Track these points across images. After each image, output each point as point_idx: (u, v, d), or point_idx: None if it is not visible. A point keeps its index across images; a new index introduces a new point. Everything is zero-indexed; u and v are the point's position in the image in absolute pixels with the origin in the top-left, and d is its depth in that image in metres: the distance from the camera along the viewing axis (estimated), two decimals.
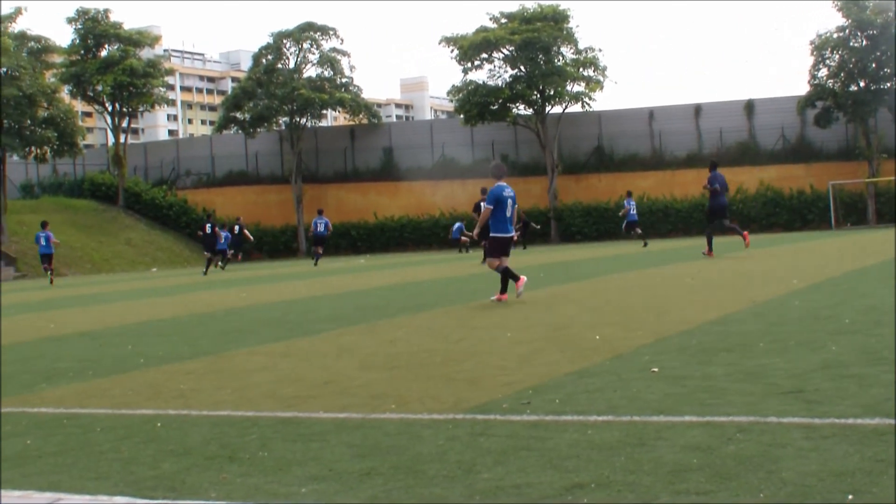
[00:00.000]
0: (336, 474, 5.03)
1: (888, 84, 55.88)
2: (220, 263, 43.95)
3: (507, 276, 15.66)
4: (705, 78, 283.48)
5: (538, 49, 59.45)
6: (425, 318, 13.63)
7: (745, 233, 26.76)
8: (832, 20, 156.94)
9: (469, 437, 5.70)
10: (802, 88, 62.41)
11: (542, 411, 6.36)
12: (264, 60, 67.27)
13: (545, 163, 61.47)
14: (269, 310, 17.14)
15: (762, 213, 57.37)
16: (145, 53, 68.26)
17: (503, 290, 15.72)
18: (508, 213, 15.64)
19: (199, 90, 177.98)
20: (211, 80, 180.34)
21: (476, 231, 17.41)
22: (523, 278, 15.68)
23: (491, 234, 15.96)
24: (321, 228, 43.00)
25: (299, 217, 65.54)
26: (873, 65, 55.49)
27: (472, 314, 13.83)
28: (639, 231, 42.22)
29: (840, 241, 34.67)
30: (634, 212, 42.05)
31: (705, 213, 28.33)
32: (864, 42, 55.89)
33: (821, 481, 4.36)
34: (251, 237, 51.54)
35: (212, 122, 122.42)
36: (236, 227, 47.40)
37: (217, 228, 41.69)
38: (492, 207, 15.67)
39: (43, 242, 38.47)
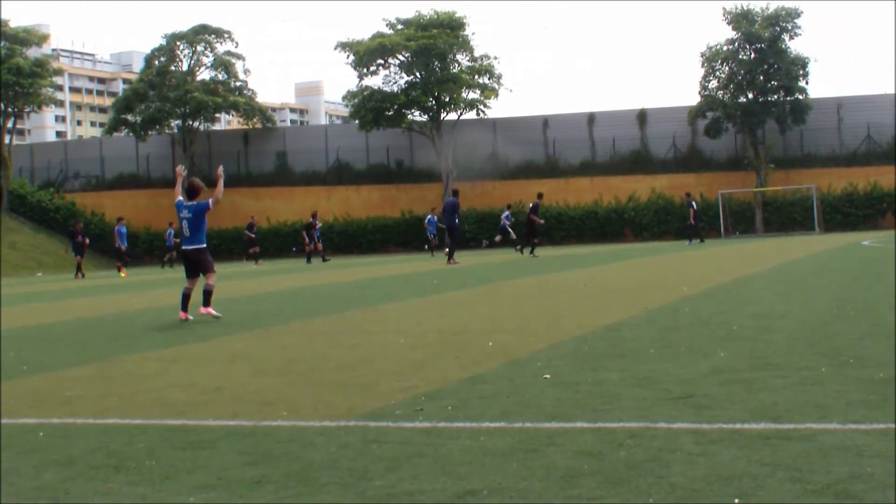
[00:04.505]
0: (225, 483, 4.95)
1: (775, 96, 57.43)
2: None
3: (184, 299, 15.71)
4: (599, 87, 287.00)
5: (434, 56, 59.66)
6: (319, 324, 13.53)
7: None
8: (722, 33, 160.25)
9: (361, 444, 5.66)
10: (694, 99, 63.53)
11: (436, 418, 6.35)
12: (157, 62, 66.34)
13: (440, 169, 61.60)
14: (161, 314, 16.84)
15: (654, 220, 58.27)
16: (32, 52, 66.80)
17: (205, 302, 15.50)
18: (185, 233, 15.75)
19: (89, 91, 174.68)
20: (101, 81, 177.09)
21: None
22: (184, 314, 15.52)
23: None
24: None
25: None
26: (761, 77, 57.09)
27: (367, 320, 13.78)
28: (509, 237, 44.27)
29: (729, 249, 35.36)
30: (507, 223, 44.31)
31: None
32: (753, 55, 57.43)
33: (709, 485, 4.42)
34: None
35: (102, 124, 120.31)
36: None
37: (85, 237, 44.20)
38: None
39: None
